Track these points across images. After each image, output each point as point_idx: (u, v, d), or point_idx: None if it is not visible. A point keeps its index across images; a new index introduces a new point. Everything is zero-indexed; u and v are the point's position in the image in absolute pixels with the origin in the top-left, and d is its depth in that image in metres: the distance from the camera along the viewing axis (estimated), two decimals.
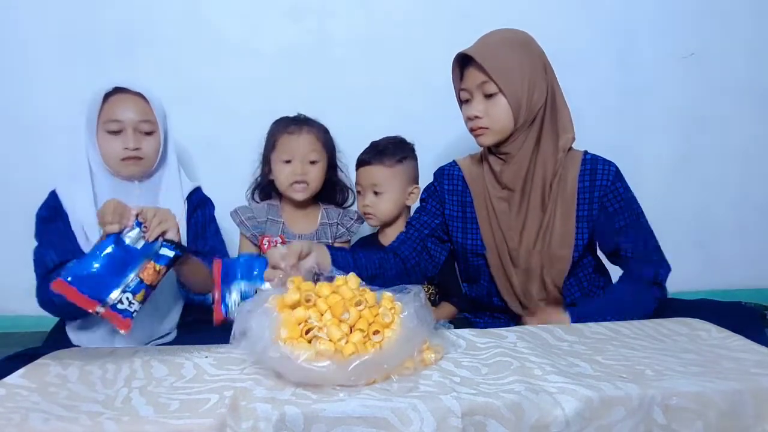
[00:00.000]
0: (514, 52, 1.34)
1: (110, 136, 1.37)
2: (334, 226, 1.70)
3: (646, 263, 1.39)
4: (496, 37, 1.38)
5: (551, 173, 1.36)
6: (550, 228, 1.37)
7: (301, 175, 1.60)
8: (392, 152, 1.61)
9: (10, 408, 0.87)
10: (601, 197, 1.36)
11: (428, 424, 0.85)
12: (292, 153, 1.60)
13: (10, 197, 1.84)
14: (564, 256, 1.37)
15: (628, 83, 2.07)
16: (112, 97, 1.38)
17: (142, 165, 1.40)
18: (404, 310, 1.03)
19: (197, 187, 1.53)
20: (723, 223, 2.19)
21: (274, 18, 1.93)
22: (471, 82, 1.35)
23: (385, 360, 0.94)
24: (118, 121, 1.36)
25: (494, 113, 1.33)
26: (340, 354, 0.93)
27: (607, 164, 1.38)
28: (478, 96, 1.35)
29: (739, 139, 2.15)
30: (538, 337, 1.17)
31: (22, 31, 1.85)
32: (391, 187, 1.60)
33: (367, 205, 1.63)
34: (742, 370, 1.00)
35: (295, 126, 1.63)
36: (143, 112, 1.38)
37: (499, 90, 1.31)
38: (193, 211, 1.49)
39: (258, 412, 0.84)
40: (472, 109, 1.35)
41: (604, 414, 0.90)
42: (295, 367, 0.91)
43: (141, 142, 1.38)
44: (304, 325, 0.96)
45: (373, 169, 1.60)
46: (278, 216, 1.67)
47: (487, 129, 1.35)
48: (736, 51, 2.09)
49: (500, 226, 1.41)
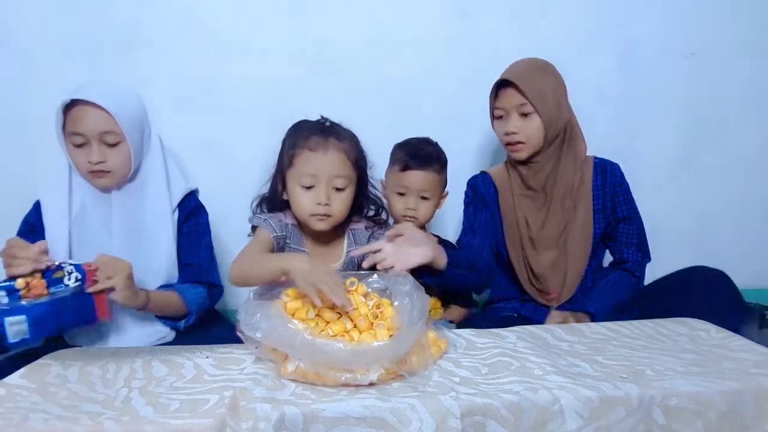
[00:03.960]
0: (546, 77, 1.54)
1: (76, 149, 1.31)
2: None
3: (636, 250, 1.60)
4: (527, 64, 1.57)
5: (572, 178, 1.57)
6: (572, 221, 1.57)
7: (325, 207, 1.32)
8: (438, 158, 1.59)
9: (10, 408, 0.87)
10: (612, 192, 1.59)
11: (427, 425, 0.85)
12: (314, 177, 1.32)
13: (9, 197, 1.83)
14: (584, 245, 1.58)
15: (628, 83, 2.07)
16: (72, 109, 1.30)
17: (111, 177, 1.33)
18: (395, 299, 1.06)
19: (192, 191, 1.48)
20: (723, 223, 2.19)
21: (275, 18, 1.93)
22: (508, 102, 1.53)
23: (399, 345, 0.95)
24: (80, 134, 1.29)
25: (529, 130, 1.52)
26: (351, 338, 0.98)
27: (614, 165, 1.62)
28: (514, 114, 1.53)
29: (740, 139, 2.15)
30: (538, 337, 1.17)
31: (22, 31, 1.85)
32: (437, 192, 1.59)
33: (413, 209, 1.57)
34: (742, 370, 1.00)
35: (319, 139, 1.33)
36: (105, 123, 1.29)
37: (535, 110, 1.50)
38: (185, 219, 1.45)
39: (258, 412, 0.84)
40: (510, 126, 1.53)
41: (604, 414, 0.90)
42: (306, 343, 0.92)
43: (106, 155, 1.31)
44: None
45: (425, 174, 1.56)
46: (301, 245, 1.41)
47: (523, 144, 1.53)
48: (737, 51, 2.09)
49: (524, 216, 1.59)
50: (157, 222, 1.40)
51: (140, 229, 1.38)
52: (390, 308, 1.06)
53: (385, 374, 0.94)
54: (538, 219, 1.59)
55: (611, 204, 1.59)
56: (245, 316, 0.99)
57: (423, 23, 1.97)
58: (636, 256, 1.60)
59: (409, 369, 0.96)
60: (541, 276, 1.59)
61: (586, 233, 1.58)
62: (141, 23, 1.87)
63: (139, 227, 1.38)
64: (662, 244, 1.59)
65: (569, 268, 1.58)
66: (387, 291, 1.12)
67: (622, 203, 1.59)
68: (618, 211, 1.59)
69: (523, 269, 1.62)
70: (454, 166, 1.64)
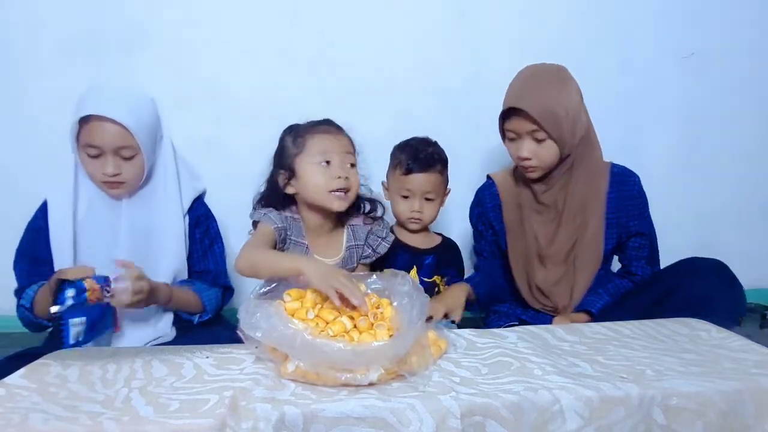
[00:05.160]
0: (560, 93, 1.42)
1: (90, 159, 1.31)
2: (361, 247, 1.48)
3: (646, 264, 1.56)
4: (536, 78, 1.44)
5: (585, 189, 1.50)
6: (582, 237, 1.52)
7: (345, 180, 1.35)
8: (440, 158, 1.58)
9: (10, 408, 0.87)
10: (627, 206, 1.52)
11: (427, 425, 0.85)
12: (331, 153, 1.35)
13: (9, 197, 1.84)
14: (594, 261, 1.53)
15: (628, 83, 2.07)
16: (89, 121, 1.28)
17: (124, 188, 1.35)
18: (395, 299, 1.06)
19: (198, 196, 1.48)
20: (723, 222, 2.19)
21: (276, 19, 1.93)
22: (520, 127, 1.44)
23: (399, 345, 0.95)
24: (96, 147, 1.29)
25: (543, 155, 1.44)
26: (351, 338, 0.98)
27: (633, 176, 1.54)
28: (527, 138, 1.44)
29: (740, 138, 2.15)
30: (538, 337, 1.17)
31: (22, 31, 1.85)
32: (440, 192, 1.59)
33: (418, 211, 1.57)
34: (742, 370, 1.00)
35: (326, 126, 1.41)
36: (123, 138, 1.29)
37: (549, 136, 1.41)
38: (196, 224, 1.45)
39: (258, 412, 0.84)
40: (523, 151, 1.45)
41: (604, 414, 0.90)
42: (306, 343, 0.92)
43: (121, 167, 1.31)
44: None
45: (428, 176, 1.55)
46: (302, 237, 1.42)
47: (537, 167, 1.46)
48: (736, 51, 2.09)
49: (533, 231, 1.55)
50: (166, 225, 1.40)
51: (149, 232, 1.39)
52: (390, 308, 1.06)
53: (385, 374, 0.94)
54: (547, 234, 1.54)
55: (625, 219, 1.52)
56: (245, 316, 0.99)
57: (422, 23, 1.98)
58: (645, 270, 1.55)
59: (409, 369, 0.96)
60: (547, 292, 1.55)
61: (597, 249, 1.53)
62: (141, 23, 1.88)
63: (149, 230, 1.39)
64: (662, 244, 1.59)
65: (576, 283, 1.54)
66: (386, 291, 1.12)
67: (635, 218, 1.52)
68: (631, 226, 1.53)
69: (525, 283, 1.59)
70: (454, 166, 1.65)
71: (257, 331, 0.97)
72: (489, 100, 1.57)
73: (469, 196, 1.71)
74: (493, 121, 1.51)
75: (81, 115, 1.27)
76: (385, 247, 1.50)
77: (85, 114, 1.27)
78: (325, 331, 1.00)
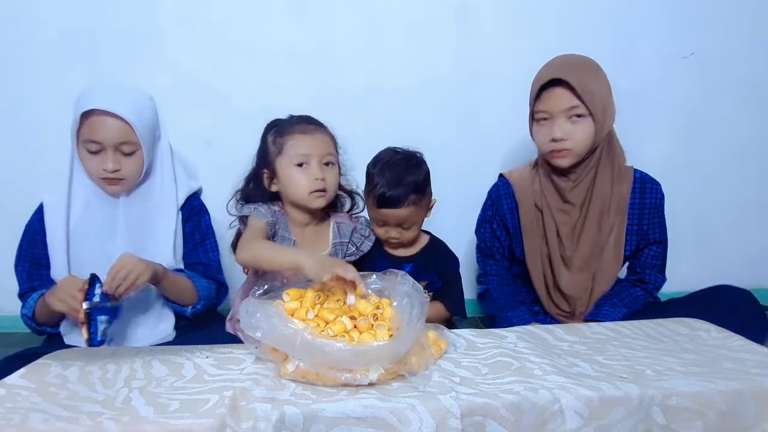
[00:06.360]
0: (595, 76, 1.39)
1: (90, 155, 1.30)
2: (345, 245, 1.48)
3: (659, 272, 1.56)
4: (576, 58, 1.42)
5: (609, 192, 1.46)
6: (605, 239, 1.48)
7: (322, 181, 1.38)
8: (414, 187, 1.41)
9: (10, 408, 0.87)
10: (649, 214, 1.50)
11: (427, 425, 0.85)
12: (308, 156, 1.37)
13: (9, 197, 1.84)
14: (615, 267, 1.51)
15: (628, 83, 2.06)
16: (90, 116, 1.28)
17: (123, 184, 1.34)
18: (395, 299, 1.06)
19: (194, 192, 1.49)
20: (723, 222, 2.19)
21: (275, 18, 1.93)
22: (555, 104, 1.37)
23: (399, 344, 0.95)
24: (97, 142, 1.29)
25: (578, 136, 1.38)
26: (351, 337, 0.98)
27: (655, 183, 1.52)
28: (561, 118, 1.38)
29: (739, 139, 2.15)
30: (538, 338, 1.17)
31: (22, 31, 1.85)
32: (419, 217, 1.47)
33: (395, 237, 1.47)
34: (742, 370, 1.00)
35: (305, 125, 1.42)
36: (124, 134, 1.29)
37: (589, 112, 1.35)
38: (187, 219, 1.45)
39: (258, 412, 0.84)
40: (556, 131, 1.38)
41: (604, 414, 0.90)
42: (306, 343, 0.92)
43: (121, 163, 1.31)
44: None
45: (401, 211, 1.42)
46: (288, 232, 1.43)
47: (570, 151, 1.40)
48: (736, 51, 2.09)
49: (557, 232, 1.50)
50: (162, 222, 1.41)
51: (144, 228, 1.39)
52: (389, 308, 1.05)
53: (385, 374, 0.94)
54: (573, 236, 1.50)
55: (646, 226, 1.51)
56: (245, 316, 0.99)
57: (422, 24, 1.98)
58: (657, 279, 1.54)
59: (409, 369, 0.96)
60: (569, 296, 1.52)
61: (618, 254, 1.50)
62: (141, 23, 1.88)
63: (143, 227, 1.39)
64: None
65: (595, 288, 1.51)
66: (386, 291, 1.12)
67: (656, 226, 1.51)
68: (650, 234, 1.51)
69: (543, 286, 1.55)
70: (450, 168, 1.64)
71: (257, 331, 0.96)
72: (488, 100, 1.57)
73: (466, 196, 1.70)
74: (491, 120, 1.51)
75: (83, 110, 1.28)
76: (368, 246, 1.50)
77: (87, 109, 1.27)
78: (325, 331, 1.00)
